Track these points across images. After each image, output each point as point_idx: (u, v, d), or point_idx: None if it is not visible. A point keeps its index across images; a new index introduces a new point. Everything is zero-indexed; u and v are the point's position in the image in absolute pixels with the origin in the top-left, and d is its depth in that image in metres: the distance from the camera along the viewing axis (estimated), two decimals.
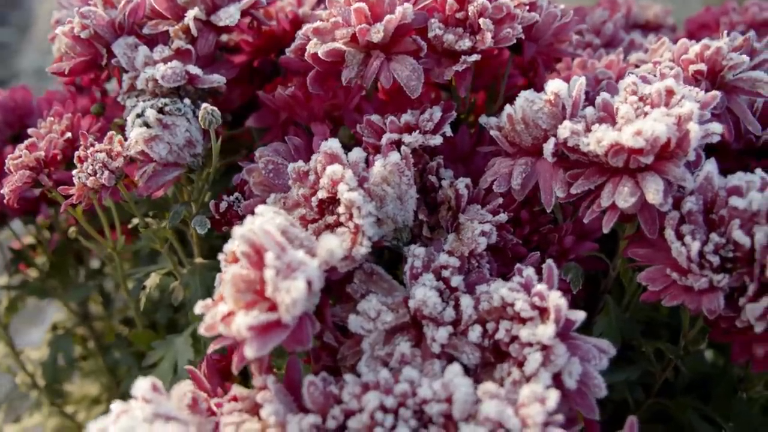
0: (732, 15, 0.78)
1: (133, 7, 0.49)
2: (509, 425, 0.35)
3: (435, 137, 0.47)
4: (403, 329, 0.42)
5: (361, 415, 0.37)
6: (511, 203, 0.48)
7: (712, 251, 0.42)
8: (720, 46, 0.51)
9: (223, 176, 0.58)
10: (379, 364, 0.40)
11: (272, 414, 0.37)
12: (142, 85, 0.48)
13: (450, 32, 0.49)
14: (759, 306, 0.40)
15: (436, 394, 0.37)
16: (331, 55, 0.47)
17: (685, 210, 0.42)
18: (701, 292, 0.42)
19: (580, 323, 0.40)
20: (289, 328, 0.37)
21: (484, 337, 0.41)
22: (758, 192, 0.42)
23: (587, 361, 0.40)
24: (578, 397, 0.40)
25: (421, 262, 0.43)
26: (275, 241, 0.37)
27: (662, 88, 0.45)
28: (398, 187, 0.45)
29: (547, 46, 0.55)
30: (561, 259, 0.50)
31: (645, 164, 0.42)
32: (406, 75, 0.46)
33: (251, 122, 0.60)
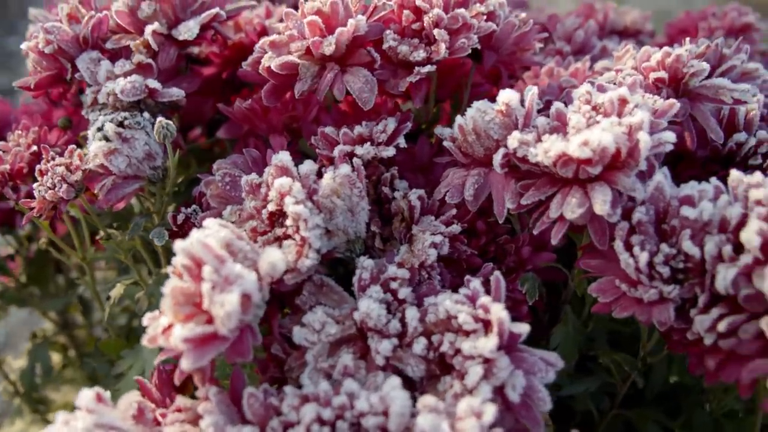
0: (711, 20, 0.77)
1: (96, 22, 0.50)
2: None
3: (388, 149, 0.47)
4: (349, 341, 0.42)
5: (298, 428, 0.37)
6: (466, 214, 0.48)
7: (662, 262, 0.41)
8: (680, 53, 0.51)
9: (189, 187, 0.59)
10: (322, 376, 0.40)
11: (211, 425, 0.37)
12: (104, 99, 0.49)
13: (404, 43, 0.49)
14: (708, 318, 0.39)
15: (373, 407, 0.37)
16: (284, 68, 0.47)
17: (634, 220, 0.42)
18: (651, 303, 0.41)
19: (526, 335, 0.40)
20: (228, 340, 0.38)
21: (429, 349, 0.41)
22: (710, 202, 0.42)
23: (533, 374, 0.40)
24: (523, 410, 0.40)
25: (368, 273, 0.43)
26: (213, 255, 0.37)
27: (615, 97, 0.45)
28: (349, 199, 0.45)
29: (509, 55, 0.55)
30: (518, 269, 0.50)
31: (594, 175, 0.42)
32: (359, 87, 0.47)
33: (221, 133, 0.61)
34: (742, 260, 0.38)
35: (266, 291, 0.40)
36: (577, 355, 0.49)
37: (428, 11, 0.49)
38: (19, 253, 0.67)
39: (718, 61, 0.58)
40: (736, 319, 0.39)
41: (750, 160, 0.54)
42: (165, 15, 0.50)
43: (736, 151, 0.54)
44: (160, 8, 0.50)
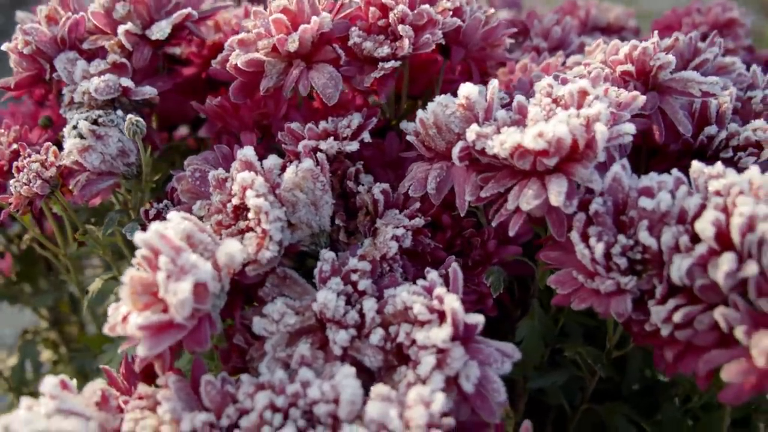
0: (695, 16, 0.76)
1: (73, 24, 0.51)
2: (392, 427, 0.36)
3: (352, 143, 0.48)
4: (308, 332, 0.43)
5: (252, 414, 0.37)
6: (430, 208, 0.49)
7: (619, 253, 0.41)
8: (647, 46, 0.51)
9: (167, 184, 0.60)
10: (280, 365, 0.41)
11: (168, 411, 0.38)
12: (80, 98, 0.51)
13: (370, 40, 0.50)
14: (664, 309, 0.39)
15: (324, 395, 0.37)
16: (251, 65, 0.48)
17: (591, 211, 0.42)
18: (609, 294, 0.41)
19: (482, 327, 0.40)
20: (184, 328, 0.38)
21: (386, 340, 0.41)
22: (668, 193, 0.42)
23: (488, 365, 0.40)
24: (478, 400, 0.40)
25: (329, 265, 0.44)
26: (170, 245, 0.38)
27: (575, 89, 0.45)
28: (312, 193, 0.46)
29: (479, 50, 0.55)
30: (485, 263, 0.50)
31: (551, 166, 0.42)
32: (323, 83, 0.48)
33: (202, 132, 0.62)
34: (697, 250, 0.38)
35: (226, 282, 0.41)
36: (542, 349, 0.49)
37: (393, 8, 0.49)
38: (10, 250, 0.69)
39: (693, 55, 0.59)
40: (691, 310, 0.39)
41: (721, 153, 0.54)
42: (139, 16, 0.52)
43: (708, 145, 0.54)
44: (135, 9, 0.52)
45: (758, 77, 0.59)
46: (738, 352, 0.37)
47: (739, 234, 0.37)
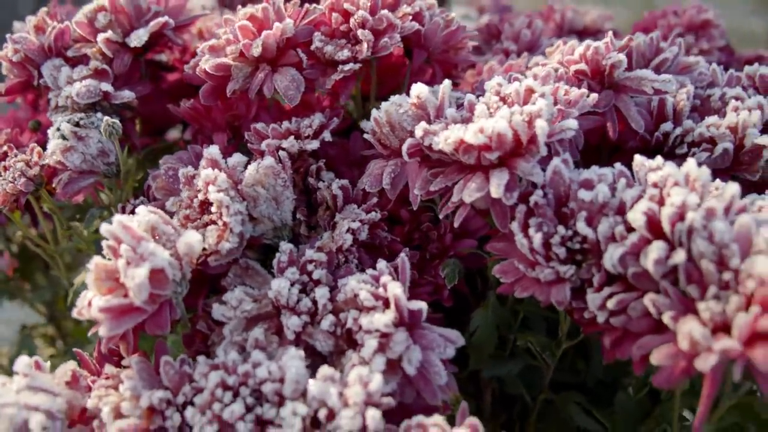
0: (670, 18, 0.78)
1: (59, 33, 0.55)
2: (330, 403, 0.38)
3: (312, 142, 0.50)
4: (266, 318, 0.45)
5: (204, 392, 0.40)
6: (388, 203, 0.51)
7: (558, 243, 0.43)
8: (598, 46, 0.52)
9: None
10: (236, 348, 0.44)
11: (128, 389, 0.41)
12: (63, 102, 0.54)
13: (331, 44, 0.52)
14: (599, 296, 0.41)
15: (271, 374, 0.40)
16: (219, 69, 0.51)
17: (531, 203, 0.44)
18: (549, 283, 0.43)
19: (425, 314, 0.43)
20: (144, 312, 0.41)
21: (336, 325, 0.44)
22: (606, 185, 0.43)
23: (431, 349, 0.42)
24: (421, 383, 0.42)
25: (287, 256, 0.47)
26: (131, 235, 0.41)
27: (521, 87, 0.47)
28: (273, 189, 0.49)
29: (442, 53, 0.58)
30: (442, 256, 0.52)
31: (495, 161, 0.44)
32: (285, 85, 0.50)
33: (186, 135, 0.66)
34: (630, 239, 0.40)
35: (187, 270, 0.44)
36: (495, 338, 0.51)
37: (354, 13, 0.52)
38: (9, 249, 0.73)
39: (654, 55, 0.60)
40: (624, 297, 0.40)
41: (677, 149, 0.55)
42: (120, 25, 0.55)
43: (664, 141, 0.55)
44: (116, 18, 0.55)
45: (718, 75, 0.60)
46: (668, 337, 0.39)
47: (669, 223, 0.39)
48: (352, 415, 0.37)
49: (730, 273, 0.38)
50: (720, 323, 0.37)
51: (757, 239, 0.38)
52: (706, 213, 0.39)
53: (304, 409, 0.38)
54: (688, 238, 0.39)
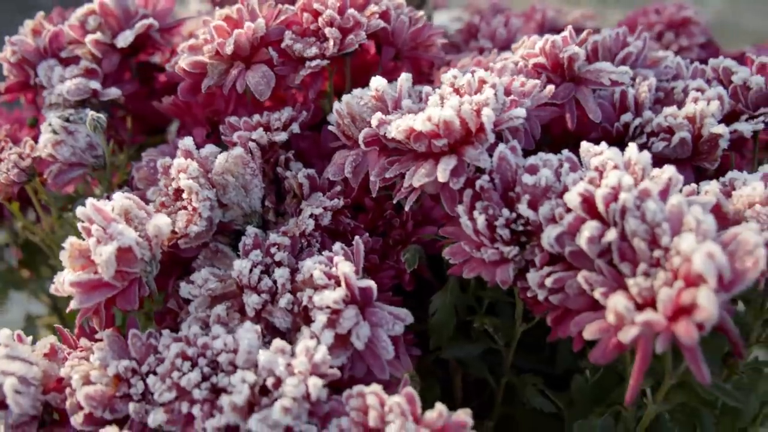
0: (650, 16, 0.79)
1: (53, 35, 0.60)
2: (278, 372, 0.40)
3: (281, 134, 0.53)
4: (229, 297, 0.48)
5: (165, 361, 0.43)
6: (352, 191, 0.53)
7: (502, 225, 0.45)
8: (555, 40, 0.54)
9: None
10: (199, 323, 0.46)
11: (98, 359, 0.44)
12: (56, 99, 0.58)
13: (300, 42, 0.55)
14: (538, 274, 0.43)
15: (227, 346, 0.43)
16: (195, 66, 0.55)
17: (477, 187, 0.46)
18: (494, 263, 0.45)
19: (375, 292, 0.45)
20: (114, 287, 0.45)
21: (294, 304, 0.46)
22: (549, 169, 0.45)
23: (379, 326, 0.44)
24: (371, 358, 0.44)
25: (252, 240, 0.49)
26: (103, 216, 0.45)
27: (474, 79, 0.49)
28: (242, 177, 0.52)
29: (410, 50, 0.60)
30: (404, 242, 0.54)
31: (443, 148, 0.46)
32: (256, 81, 0.54)
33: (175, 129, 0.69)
34: (566, 219, 0.42)
35: (157, 251, 0.47)
36: (453, 321, 0.52)
37: (323, 12, 0.55)
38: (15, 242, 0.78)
39: (619, 49, 0.61)
40: (562, 275, 0.42)
41: (637, 140, 0.56)
42: (110, 27, 0.60)
43: (624, 132, 0.57)
44: (105, 21, 0.59)
45: (682, 69, 0.61)
46: (602, 313, 0.40)
47: (604, 203, 0.40)
48: (296, 383, 0.39)
49: (661, 251, 0.39)
50: (648, 299, 0.38)
51: (688, 218, 0.39)
52: (641, 194, 0.40)
53: (252, 377, 0.40)
54: (621, 217, 0.40)
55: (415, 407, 0.39)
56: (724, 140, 0.53)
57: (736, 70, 0.58)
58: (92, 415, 0.42)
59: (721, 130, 0.53)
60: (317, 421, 0.40)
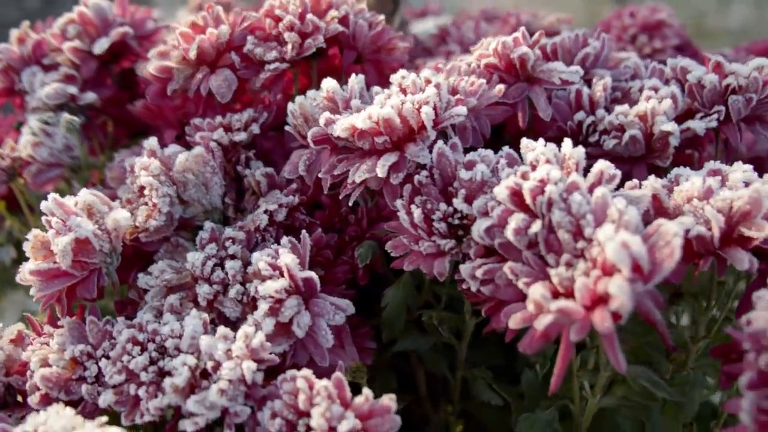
0: (624, 19, 0.79)
1: (36, 43, 0.63)
2: (216, 356, 0.42)
3: (240, 134, 0.56)
4: (185, 288, 0.51)
5: (117, 345, 0.45)
6: (308, 189, 0.55)
7: (439, 219, 0.46)
8: (506, 41, 0.56)
9: None
10: (154, 312, 0.49)
11: (57, 343, 0.47)
12: (37, 103, 0.62)
13: (261, 46, 0.58)
14: (470, 265, 0.44)
15: (173, 332, 0.45)
16: (163, 71, 0.58)
17: (416, 182, 0.47)
18: (431, 256, 0.46)
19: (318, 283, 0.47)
20: (73, 276, 0.47)
21: (243, 294, 0.48)
22: (485, 165, 0.46)
23: (320, 315, 0.46)
24: (312, 346, 0.46)
25: (208, 234, 0.52)
26: (63, 209, 0.48)
27: (420, 78, 0.51)
28: (202, 175, 0.54)
29: (372, 53, 0.62)
30: (360, 238, 0.56)
31: (387, 145, 0.48)
32: (217, 84, 0.56)
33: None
34: (495, 212, 0.43)
35: (117, 243, 0.50)
36: (404, 314, 0.54)
37: (284, 18, 0.58)
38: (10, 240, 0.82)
39: (582, 47, 0.62)
40: (491, 266, 0.43)
41: (590, 138, 0.57)
42: (88, 35, 0.63)
43: (578, 130, 0.58)
44: (84, 29, 0.63)
45: (641, 69, 0.62)
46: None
47: (531, 196, 0.42)
48: (233, 366, 0.41)
49: (585, 242, 0.40)
50: (570, 288, 0.39)
51: (611, 210, 0.40)
52: (569, 186, 0.41)
53: (193, 360, 0.42)
54: (548, 209, 0.41)
55: (343, 392, 0.40)
56: (674, 138, 0.54)
57: (692, 69, 0.58)
58: (48, 395, 0.45)
59: (671, 128, 0.54)
60: (254, 404, 0.42)
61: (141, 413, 0.43)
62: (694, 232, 0.44)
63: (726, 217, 0.44)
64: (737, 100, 0.56)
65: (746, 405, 0.35)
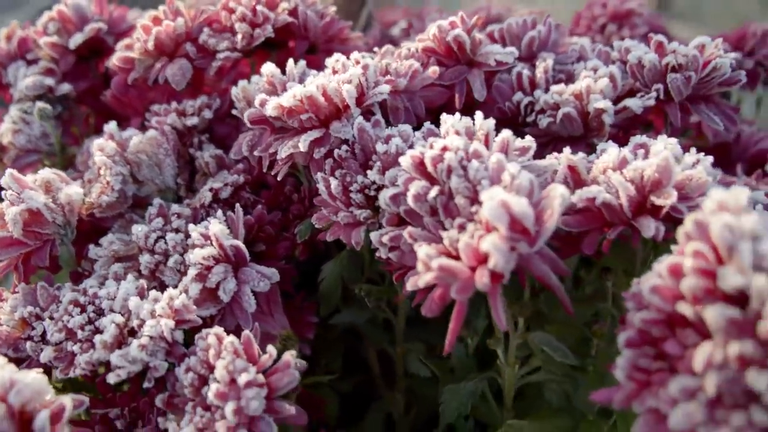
0: (594, 9, 0.80)
1: (21, 40, 0.69)
2: (142, 315, 0.46)
3: (192, 119, 0.60)
4: (131, 258, 0.54)
5: (60, 307, 0.49)
6: (254, 169, 0.58)
7: (356, 190, 0.48)
8: (441, 25, 0.57)
9: None
10: (100, 279, 0.53)
11: (9, 306, 0.51)
12: (19, 95, 0.68)
13: (213, 37, 0.62)
14: (378, 233, 0.46)
15: (109, 295, 0.48)
16: (126, 62, 0.62)
17: (336, 156, 0.49)
18: (349, 226, 0.48)
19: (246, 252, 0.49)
20: (27, 246, 0.52)
21: (180, 264, 0.52)
22: (401, 139, 0.48)
23: (246, 282, 0.49)
24: (237, 311, 0.49)
25: (156, 209, 0.55)
26: (19, 183, 0.52)
27: (349, 60, 0.53)
28: (155, 156, 0.58)
29: (325, 43, 0.65)
30: (303, 216, 0.58)
31: (312, 122, 0.51)
32: (173, 73, 0.60)
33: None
34: (400, 180, 0.45)
35: (71, 217, 0.54)
36: (340, 288, 0.56)
37: (236, 10, 0.61)
38: None
39: (523, 34, 0.64)
40: (396, 233, 0.45)
41: (528, 117, 0.58)
42: (67, 31, 0.69)
43: (516, 111, 0.59)
44: (63, 26, 0.68)
45: (586, 51, 0.62)
46: None
47: (432, 164, 0.43)
48: (154, 324, 0.44)
49: (479, 206, 0.41)
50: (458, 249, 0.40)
51: (504, 175, 0.41)
52: (472, 154, 0.43)
53: (121, 318, 0.46)
54: (447, 176, 0.43)
55: (251, 349, 0.43)
56: (608, 116, 0.55)
57: (634, 50, 0.59)
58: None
59: (603, 105, 0.54)
60: (174, 360, 0.45)
61: (74, 368, 0.46)
62: (600, 200, 0.44)
63: (638, 186, 0.45)
64: (676, 78, 0.56)
65: (622, 362, 0.36)
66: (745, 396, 0.32)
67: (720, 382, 0.32)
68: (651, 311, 0.36)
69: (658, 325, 0.36)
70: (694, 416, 0.32)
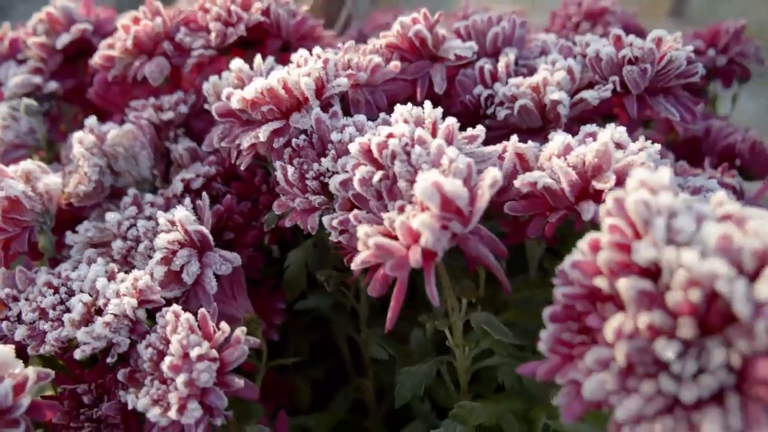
0: (570, 8, 0.81)
1: (12, 40, 0.73)
2: (107, 294, 0.48)
3: (167, 113, 0.63)
4: (105, 244, 0.57)
5: (35, 288, 0.52)
6: (224, 161, 0.61)
7: (312, 177, 0.50)
8: (404, 20, 0.60)
9: None
10: (75, 264, 0.55)
11: None
12: (9, 92, 0.71)
13: (190, 36, 0.65)
14: (329, 217, 0.48)
15: (79, 277, 0.51)
16: (107, 60, 0.66)
17: (294, 145, 0.52)
18: (305, 212, 0.50)
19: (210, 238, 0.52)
20: (6, 232, 0.55)
21: (150, 249, 0.54)
22: (354, 127, 0.50)
23: (208, 266, 0.51)
24: (201, 293, 0.51)
25: (130, 199, 0.58)
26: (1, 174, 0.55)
27: (312, 55, 0.56)
28: (132, 149, 0.61)
29: (298, 41, 0.68)
30: (271, 206, 0.61)
31: (275, 114, 0.53)
32: (150, 70, 0.63)
33: None
34: (348, 165, 0.47)
35: (50, 206, 0.57)
36: (305, 274, 0.58)
37: (211, 10, 0.64)
38: None
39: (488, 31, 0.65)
40: (343, 217, 0.47)
41: (488, 110, 0.60)
42: (55, 32, 0.72)
43: (476, 103, 0.61)
44: (52, 27, 0.72)
45: (549, 46, 0.64)
46: None
47: (377, 150, 0.45)
48: (118, 302, 0.47)
49: None
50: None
51: (443, 159, 0.43)
52: (417, 140, 0.45)
53: (88, 298, 0.48)
54: (391, 161, 0.45)
55: (206, 326, 0.45)
56: (563, 107, 0.56)
57: (593, 44, 0.60)
58: None
59: (558, 96, 0.56)
60: (137, 337, 0.47)
61: (45, 345, 0.49)
62: (541, 184, 0.46)
63: (579, 172, 0.46)
64: (632, 70, 0.57)
65: (545, 336, 0.37)
66: (655, 365, 0.33)
67: (630, 352, 0.33)
68: (574, 286, 0.37)
69: (580, 300, 0.37)
70: (606, 385, 0.34)
